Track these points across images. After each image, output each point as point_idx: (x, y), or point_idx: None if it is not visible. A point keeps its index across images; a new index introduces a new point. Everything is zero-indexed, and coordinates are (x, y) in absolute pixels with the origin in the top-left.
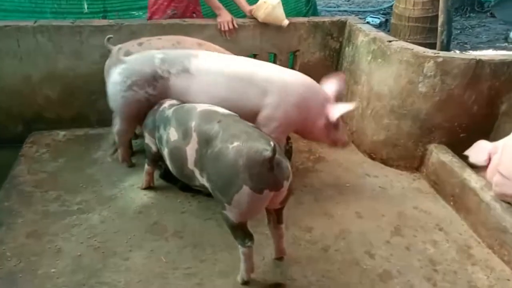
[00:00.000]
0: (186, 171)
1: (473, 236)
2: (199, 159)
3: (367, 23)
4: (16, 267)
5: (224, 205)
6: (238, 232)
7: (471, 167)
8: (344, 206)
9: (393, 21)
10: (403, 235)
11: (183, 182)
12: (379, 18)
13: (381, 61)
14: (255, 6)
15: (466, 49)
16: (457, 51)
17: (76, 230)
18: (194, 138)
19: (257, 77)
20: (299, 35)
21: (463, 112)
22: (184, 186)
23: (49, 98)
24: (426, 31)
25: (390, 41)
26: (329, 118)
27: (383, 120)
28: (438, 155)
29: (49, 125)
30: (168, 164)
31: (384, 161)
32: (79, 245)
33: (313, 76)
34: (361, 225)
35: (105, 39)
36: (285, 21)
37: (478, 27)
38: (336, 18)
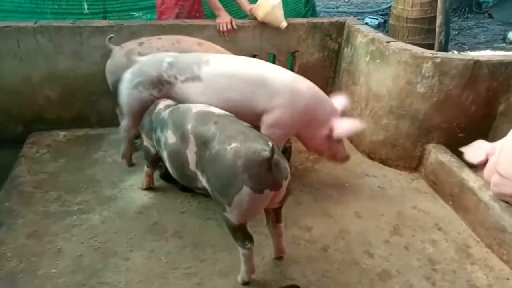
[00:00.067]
0: (186, 173)
1: (472, 236)
2: (199, 161)
3: (366, 24)
4: (17, 267)
5: (224, 206)
6: (238, 233)
7: (469, 166)
8: (343, 206)
9: (391, 22)
10: (402, 235)
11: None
12: (377, 19)
13: (379, 61)
14: (255, 5)
15: (464, 49)
16: (455, 52)
17: (76, 231)
18: (192, 141)
19: (269, 82)
20: (298, 36)
21: (461, 112)
22: (184, 186)
23: (49, 99)
24: (424, 32)
25: (389, 42)
26: (333, 131)
27: (381, 121)
28: (437, 155)
29: (49, 125)
30: (168, 167)
31: (383, 161)
32: (80, 245)
33: (312, 76)
34: (360, 224)
35: (107, 38)
36: (284, 23)
37: (476, 27)
38: (335, 19)
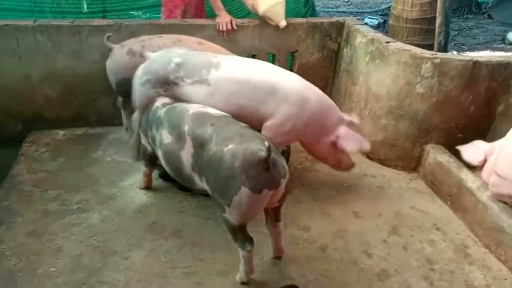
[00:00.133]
0: (183, 174)
1: (470, 236)
2: (196, 163)
3: (365, 24)
4: (16, 266)
5: (224, 207)
6: (238, 235)
7: (468, 166)
8: (342, 205)
9: (391, 22)
10: (400, 235)
11: None
12: (377, 19)
13: (379, 62)
14: None
15: (464, 50)
16: (455, 52)
17: (75, 229)
18: (188, 143)
19: (278, 89)
20: (297, 36)
21: (460, 113)
22: (183, 186)
23: (48, 98)
24: (424, 32)
25: (388, 42)
26: (338, 140)
27: (381, 121)
28: (435, 155)
29: (48, 124)
30: (164, 166)
31: (382, 161)
32: (79, 244)
33: (312, 76)
34: (359, 224)
35: (105, 37)
36: (283, 22)
37: (476, 28)
38: (335, 19)
